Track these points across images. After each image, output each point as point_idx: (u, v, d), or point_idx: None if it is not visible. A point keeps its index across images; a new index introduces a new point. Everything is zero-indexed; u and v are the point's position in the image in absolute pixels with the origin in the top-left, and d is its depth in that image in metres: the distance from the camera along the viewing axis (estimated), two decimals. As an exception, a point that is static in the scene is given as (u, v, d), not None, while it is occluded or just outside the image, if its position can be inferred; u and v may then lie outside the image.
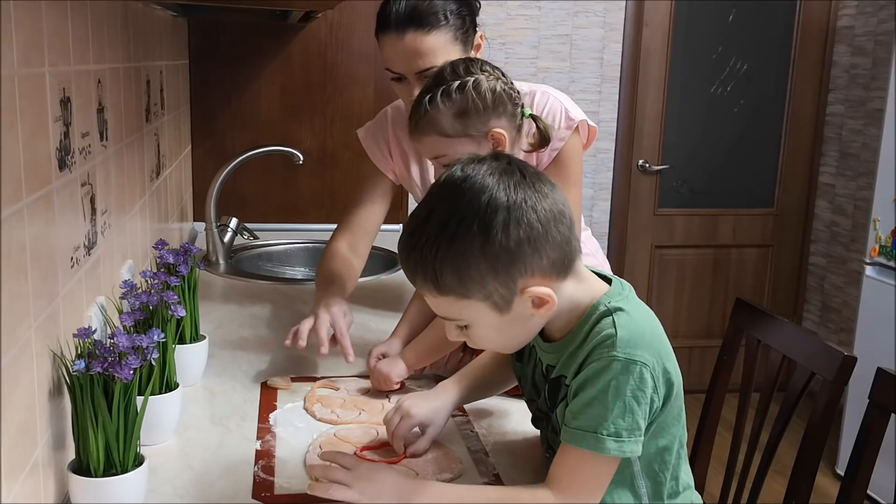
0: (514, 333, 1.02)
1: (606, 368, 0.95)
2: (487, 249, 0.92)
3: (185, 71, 2.54)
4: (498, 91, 1.31)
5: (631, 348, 0.95)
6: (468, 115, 1.29)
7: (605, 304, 1.00)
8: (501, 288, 0.94)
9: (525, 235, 0.92)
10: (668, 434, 1.04)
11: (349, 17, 2.65)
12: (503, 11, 3.35)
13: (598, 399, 0.95)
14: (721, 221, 3.72)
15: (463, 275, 0.93)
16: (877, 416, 1.35)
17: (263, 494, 1.06)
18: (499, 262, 0.92)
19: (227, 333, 1.68)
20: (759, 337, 1.65)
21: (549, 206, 0.94)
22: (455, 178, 0.96)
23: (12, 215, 0.83)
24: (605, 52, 3.47)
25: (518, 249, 0.92)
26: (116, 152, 1.39)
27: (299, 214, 2.72)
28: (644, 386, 0.96)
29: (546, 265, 0.95)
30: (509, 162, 0.97)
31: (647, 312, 1.03)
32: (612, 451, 0.95)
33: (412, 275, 0.98)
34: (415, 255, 0.95)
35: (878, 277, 2.90)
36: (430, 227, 0.94)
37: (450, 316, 0.99)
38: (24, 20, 0.88)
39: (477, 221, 0.92)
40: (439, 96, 1.29)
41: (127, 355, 0.97)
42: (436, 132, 1.31)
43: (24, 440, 0.88)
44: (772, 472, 1.59)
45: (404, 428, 1.17)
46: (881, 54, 3.32)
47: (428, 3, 1.46)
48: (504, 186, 0.93)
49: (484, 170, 0.95)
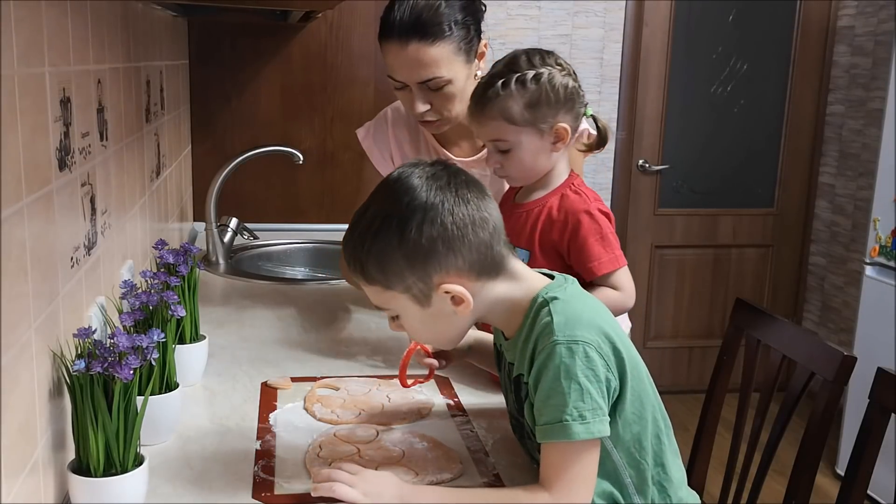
0: (442, 328, 1.08)
1: (551, 354, 0.98)
2: (404, 246, 0.99)
3: (185, 71, 2.54)
4: (570, 87, 1.33)
5: (570, 330, 0.99)
6: (539, 106, 1.31)
7: (542, 296, 1.04)
8: (419, 283, 1.01)
9: (438, 235, 0.99)
10: (640, 419, 1.05)
11: (349, 17, 2.65)
12: (503, 11, 3.35)
13: (553, 388, 0.98)
14: (721, 221, 3.72)
15: (384, 268, 1.01)
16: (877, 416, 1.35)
17: (263, 494, 1.06)
18: (415, 258, 0.99)
19: (227, 333, 1.68)
20: (759, 337, 1.65)
21: (469, 212, 1.00)
22: (391, 179, 1.04)
23: (12, 215, 0.83)
24: (605, 52, 3.47)
25: (431, 248, 0.99)
26: (116, 152, 1.39)
27: (299, 214, 2.72)
28: (592, 364, 0.98)
29: (462, 265, 1.01)
30: (444, 168, 1.03)
31: (587, 299, 1.07)
32: (581, 434, 0.97)
33: (347, 264, 1.06)
34: (348, 247, 1.04)
35: (878, 277, 2.91)
36: (363, 222, 1.03)
37: (380, 305, 1.07)
38: (24, 20, 0.88)
39: (397, 220, 0.99)
40: (514, 83, 1.31)
41: (127, 355, 0.97)
42: (503, 118, 1.33)
43: (24, 440, 0.88)
44: (772, 472, 1.59)
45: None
46: (881, 54, 3.32)
47: (432, 13, 1.45)
48: (426, 189, 1.00)
49: (416, 173, 1.02)
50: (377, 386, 1.43)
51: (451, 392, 1.41)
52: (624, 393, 1.03)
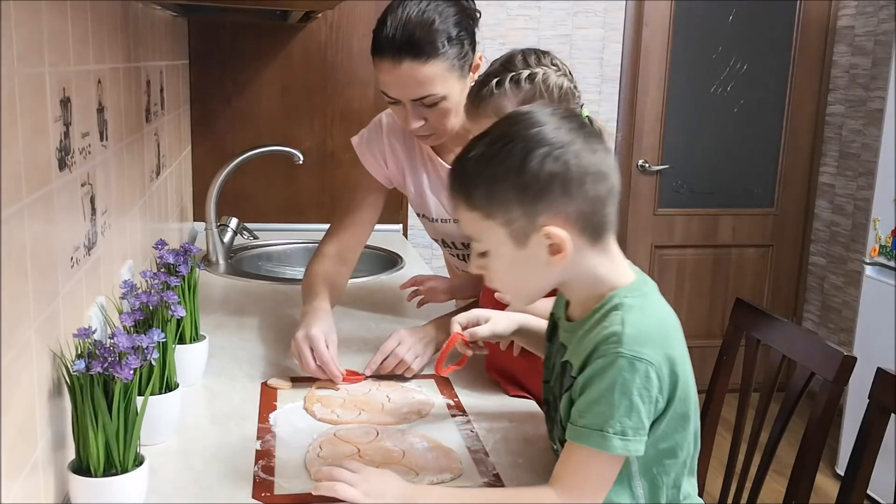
0: (527, 277, 1.03)
1: (612, 365, 0.95)
2: (521, 175, 0.95)
3: (185, 71, 2.54)
4: (565, 88, 1.32)
5: (638, 346, 0.95)
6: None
7: (620, 297, 1.00)
8: (523, 218, 0.97)
9: (559, 173, 0.95)
10: (669, 439, 1.03)
11: (349, 17, 2.65)
12: (503, 11, 3.35)
13: (605, 397, 0.95)
14: (721, 221, 3.72)
15: (493, 194, 0.97)
16: (877, 416, 1.35)
17: (263, 494, 1.06)
18: (527, 190, 0.96)
19: (227, 333, 1.68)
20: (759, 337, 1.65)
21: (594, 162, 0.97)
22: (520, 111, 1.02)
23: (12, 215, 0.83)
24: (605, 52, 3.47)
25: (548, 184, 0.95)
26: (116, 152, 1.39)
27: (299, 214, 2.72)
28: (649, 385, 0.96)
29: (572, 213, 0.97)
30: (576, 115, 1.01)
31: (662, 313, 1.03)
32: (618, 449, 0.96)
33: (451, 187, 1.03)
34: (459, 168, 1.01)
35: (878, 277, 2.91)
36: (481, 145, 0.99)
37: (473, 235, 1.03)
38: (24, 20, 0.88)
39: (521, 147, 0.96)
40: (508, 82, 1.30)
41: (127, 355, 0.97)
42: (497, 116, 1.31)
43: (24, 440, 0.88)
44: (772, 472, 1.59)
45: (462, 316, 1.23)
46: (881, 54, 3.32)
47: (426, 31, 1.42)
48: (556, 127, 0.97)
49: (548, 111, 1.00)
50: (377, 386, 1.43)
51: (451, 392, 1.41)
52: (665, 413, 1.00)
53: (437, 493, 1.04)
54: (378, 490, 1.01)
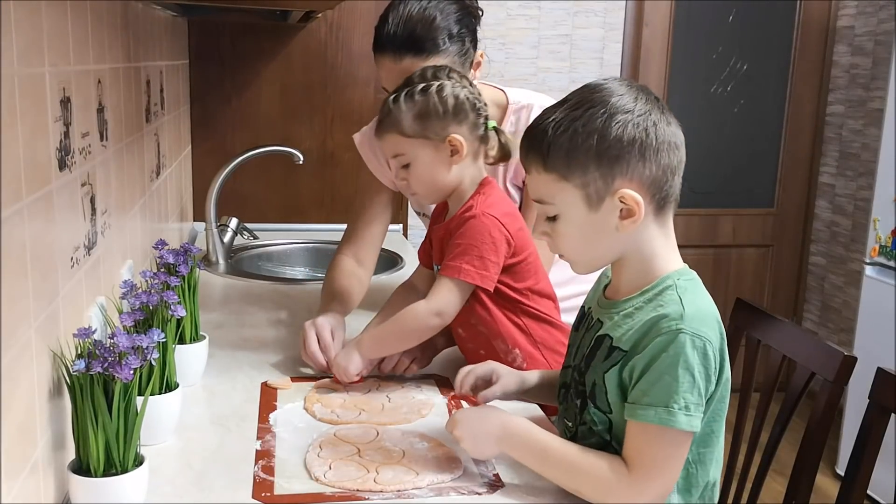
0: (595, 242, 1.05)
1: (673, 342, 0.97)
2: (603, 138, 0.99)
3: (185, 71, 2.54)
4: (461, 98, 1.35)
5: (697, 324, 0.98)
6: (428, 117, 1.34)
7: (674, 279, 1.03)
8: (599, 180, 1.00)
9: (638, 138, 0.99)
10: (707, 425, 1.04)
11: (349, 17, 2.65)
12: (503, 11, 3.35)
13: (668, 373, 0.97)
14: (721, 221, 3.72)
15: (572, 155, 1.00)
16: (877, 416, 1.35)
17: (263, 494, 1.06)
18: (607, 153, 0.99)
19: (227, 333, 1.68)
20: (759, 337, 1.65)
21: (669, 133, 1.02)
22: (597, 81, 1.06)
23: (12, 215, 0.83)
24: (605, 52, 3.47)
25: (628, 148, 0.99)
26: (116, 152, 1.39)
27: (299, 214, 2.72)
28: (707, 363, 0.98)
29: (646, 178, 1.01)
30: (649, 90, 1.06)
31: (710, 300, 1.05)
32: (683, 424, 0.97)
33: (526, 149, 1.05)
34: (538, 130, 1.03)
35: (878, 277, 2.90)
36: (562, 109, 1.03)
37: (544, 198, 1.05)
38: (24, 20, 0.88)
39: (604, 112, 1.00)
40: (403, 97, 1.34)
41: (127, 355, 0.97)
42: (396, 131, 1.36)
43: (24, 440, 0.88)
44: (772, 472, 1.59)
45: (479, 369, 1.25)
46: (881, 54, 3.32)
47: (426, 28, 1.44)
48: (635, 97, 1.02)
49: (625, 83, 1.04)
50: (377, 386, 1.43)
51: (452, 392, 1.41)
52: (713, 395, 1.02)
53: (524, 430, 1.08)
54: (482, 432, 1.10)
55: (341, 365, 1.38)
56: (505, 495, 1.08)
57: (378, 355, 1.42)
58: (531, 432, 1.08)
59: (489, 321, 1.40)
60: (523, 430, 1.09)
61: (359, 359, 1.38)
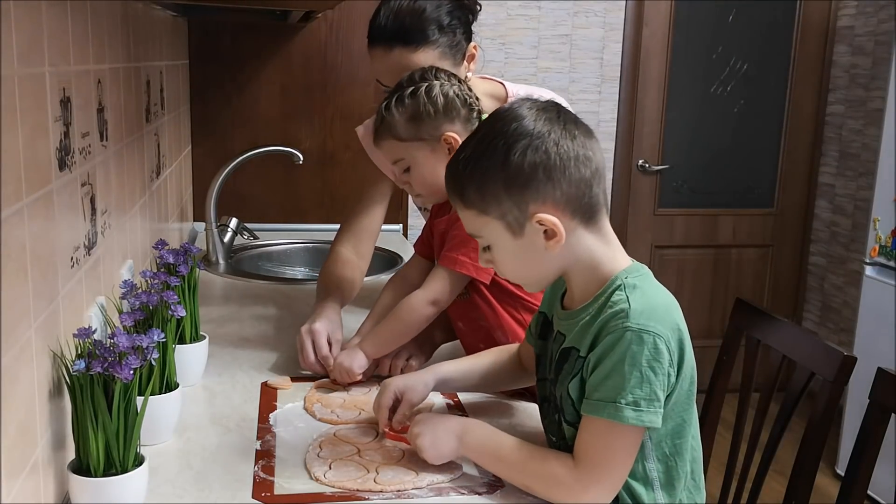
0: (531, 264, 1.07)
1: (620, 339, 0.98)
2: (505, 169, 1.01)
3: (185, 71, 2.54)
4: (450, 96, 1.36)
5: (644, 319, 0.98)
6: (420, 119, 1.35)
7: (621, 278, 1.04)
8: (515, 209, 1.02)
9: (540, 162, 1.00)
10: (677, 416, 1.05)
11: (349, 17, 2.65)
12: (503, 11, 3.35)
13: (615, 370, 0.98)
14: (721, 221, 3.72)
15: (483, 190, 1.02)
16: (877, 416, 1.35)
17: (263, 494, 1.06)
18: (514, 182, 1.01)
19: (227, 333, 1.68)
20: (759, 337, 1.65)
21: (574, 147, 1.01)
22: (501, 109, 1.08)
23: (12, 215, 0.83)
24: (605, 52, 3.47)
25: (532, 174, 1.00)
26: (116, 152, 1.39)
27: (299, 214, 2.72)
28: (659, 357, 0.98)
29: (559, 198, 1.01)
30: (554, 105, 1.06)
31: (662, 291, 1.06)
32: (631, 419, 0.97)
33: (448, 188, 1.08)
34: (452, 169, 1.07)
35: (878, 277, 2.90)
36: (470, 145, 1.06)
37: (473, 231, 1.08)
38: (24, 20, 0.88)
39: (502, 142, 1.01)
40: (394, 102, 1.36)
41: (127, 355, 0.97)
42: (392, 136, 1.37)
43: (24, 440, 0.88)
44: (772, 472, 1.59)
45: (384, 398, 1.22)
46: (881, 54, 3.32)
47: (416, 19, 1.45)
48: (534, 119, 1.02)
49: (527, 104, 1.05)
50: (377, 386, 1.42)
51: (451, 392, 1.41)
52: (675, 390, 1.03)
53: (482, 427, 1.11)
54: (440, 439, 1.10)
55: (344, 365, 1.38)
56: (505, 495, 1.08)
57: (381, 353, 1.43)
58: (490, 430, 1.11)
59: (490, 315, 1.41)
60: (482, 427, 1.12)
61: (362, 356, 1.40)
